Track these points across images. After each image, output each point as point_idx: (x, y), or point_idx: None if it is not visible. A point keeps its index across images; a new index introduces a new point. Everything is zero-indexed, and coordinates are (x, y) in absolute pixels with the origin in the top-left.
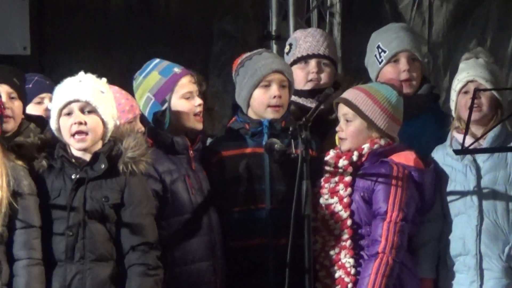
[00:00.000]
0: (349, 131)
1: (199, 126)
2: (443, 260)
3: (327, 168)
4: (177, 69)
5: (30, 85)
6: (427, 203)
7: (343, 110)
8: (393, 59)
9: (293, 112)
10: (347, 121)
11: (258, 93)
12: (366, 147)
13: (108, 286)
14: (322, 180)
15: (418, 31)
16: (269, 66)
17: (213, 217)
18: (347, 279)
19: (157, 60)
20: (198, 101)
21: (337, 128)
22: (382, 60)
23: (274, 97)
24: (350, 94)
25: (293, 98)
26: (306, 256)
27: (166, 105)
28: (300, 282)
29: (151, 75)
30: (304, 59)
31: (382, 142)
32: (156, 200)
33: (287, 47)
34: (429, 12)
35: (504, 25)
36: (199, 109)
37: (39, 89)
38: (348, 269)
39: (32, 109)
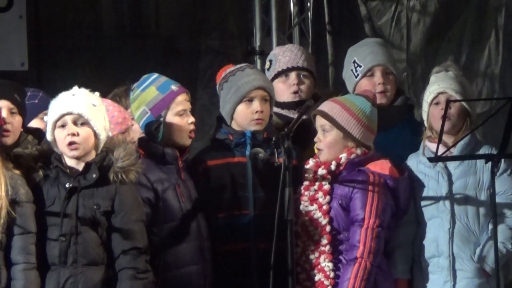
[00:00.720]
0: (326, 141)
1: (188, 142)
2: (417, 262)
3: (306, 176)
4: (174, 87)
5: (36, 101)
6: (401, 209)
7: (320, 122)
8: (368, 73)
9: (277, 123)
10: (324, 131)
11: (241, 108)
12: (343, 156)
13: None
14: (302, 188)
15: (397, 46)
16: (251, 83)
17: (202, 224)
18: (326, 282)
19: (156, 75)
20: (191, 119)
21: (315, 139)
22: (358, 74)
23: (257, 112)
24: (327, 106)
25: (276, 110)
26: (289, 259)
27: (161, 120)
28: (282, 284)
29: (149, 89)
30: (284, 72)
31: (359, 151)
32: (149, 208)
33: (268, 63)
34: (406, 28)
35: (478, 40)
36: (192, 126)
37: (44, 105)
38: (328, 273)
39: (38, 123)
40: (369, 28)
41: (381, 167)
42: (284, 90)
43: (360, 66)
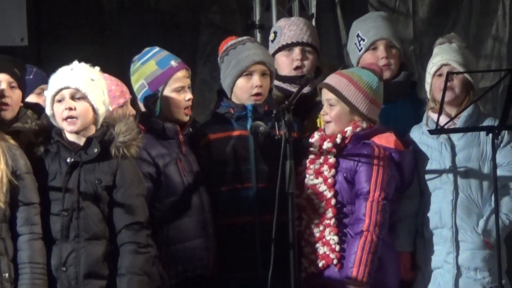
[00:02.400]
0: (332, 115)
1: (186, 118)
2: (420, 234)
3: (312, 149)
4: (173, 62)
5: (31, 76)
6: (405, 182)
7: (327, 95)
8: (372, 46)
9: (277, 96)
10: (331, 105)
11: (241, 82)
12: (349, 130)
13: (101, 263)
14: (307, 161)
15: (402, 19)
16: (251, 57)
17: (204, 197)
18: (331, 255)
19: (157, 49)
20: (188, 95)
21: (321, 112)
22: (361, 48)
23: (256, 86)
24: (333, 79)
25: (278, 83)
26: (290, 232)
27: (158, 95)
28: (286, 257)
29: (149, 63)
30: (288, 46)
31: (364, 125)
32: (150, 183)
33: (272, 35)
34: (412, 1)
35: (485, 12)
36: (188, 103)
37: (40, 80)
38: (333, 246)
39: (33, 99)
40: (374, 1)
41: (387, 140)
42: (287, 64)
43: (364, 40)
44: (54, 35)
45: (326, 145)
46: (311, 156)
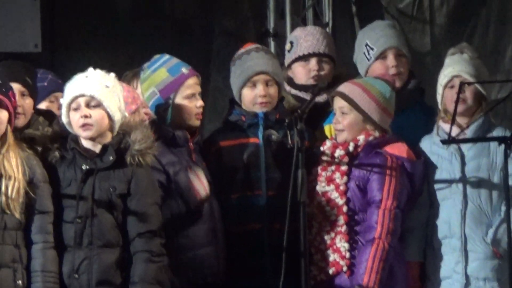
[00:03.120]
0: (345, 123)
1: (197, 123)
2: (430, 243)
3: (324, 157)
4: (184, 70)
5: (45, 83)
6: (416, 193)
7: (339, 103)
8: (381, 56)
9: (294, 105)
10: (343, 113)
11: (245, 92)
12: (361, 138)
13: (114, 271)
14: (319, 168)
15: (419, 29)
16: (252, 68)
17: (214, 205)
18: (342, 262)
19: (167, 56)
20: (199, 102)
21: (334, 120)
22: (370, 57)
23: (260, 96)
24: (346, 88)
25: (294, 92)
26: (301, 240)
27: (169, 102)
28: (295, 265)
29: (160, 71)
30: (305, 57)
31: (377, 134)
32: (161, 190)
33: (288, 45)
34: (430, 10)
35: (503, 21)
36: (200, 110)
37: (54, 88)
38: (343, 253)
39: (46, 106)
40: (392, 8)
41: (399, 150)
42: (304, 74)
43: (373, 49)
44: (67, 41)
45: (338, 152)
46: (323, 164)
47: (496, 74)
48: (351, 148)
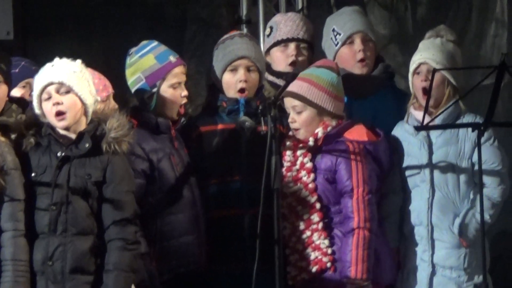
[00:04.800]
0: (302, 121)
1: (176, 117)
2: (401, 230)
3: (286, 157)
4: (172, 58)
5: (17, 70)
6: (384, 171)
7: (292, 103)
8: (348, 40)
9: (270, 92)
10: (298, 112)
11: (226, 77)
12: (320, 131)
13: (88, 258)
14: (283, 170)
15: (401, 16)
16: (234, 52)
17: (196, 193)
18: (325, 259)
19: (155, 43)
20: (184, 92)
21: (289, 120)
22: (337, 43)
23: (240, 81)
24: (295, 86)
25: (271, 78)
26: (275, 227)
27: (155, 89)
28: (273, 251)
29: (147, 57)
30: (283, 42)
31: (333, 123)
32: (144, 179)
33: (268, 29)
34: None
35: (485, 9)
36: (184, 100)
37: (25, 74)
38: (325, 250)
39: (17, 93)
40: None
41: (358, 133)
42: (282, 60)
43: (340, 34)
44: (40, 28)
45: (300, 151)
46: (287, 164)
47: (479, 60)
48: (311, 143)
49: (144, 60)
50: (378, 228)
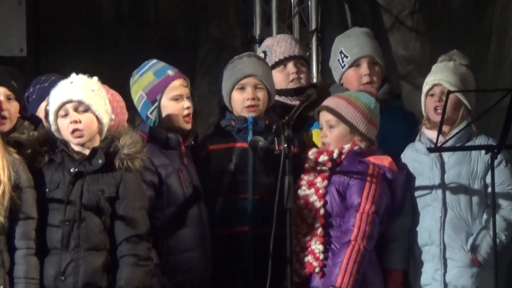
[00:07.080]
0: (333, 136)
1: (187, 126)
2: (411, 250)
3: (308, 163)
4: (170, 72)
5: (46, 84)
6: (396, 205)
7: (326, 117)
8: (355, 64)
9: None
10: (331, 127)
11: (235, 95)
12: (347, 147)
13: (100, 274)
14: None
15: (423, 34)
16: (242, 71)
17: (203, 209)
18: (315, 263)
19: (154, 61)
20: (186, 103)
21: (321, 134)
22: (344, 65)
23: (248, 99)
24: (332, 101)
25: (278, 99)
26: (288, 247)
27: (156, 104)
28: (277, 270)
29: (146, 74)
30: (282, 62)
31: (363, 145)
32: (153, 191)
33: (261, 55)
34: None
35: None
36: (187, 111)
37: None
38: (317, 255)
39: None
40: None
41: (382, 160)
42: (283, 80)
43: (347, 57)
44: (53, 46)
45: (322, 158)
46: (307, 168)
47: (498, 83)
48: (335, 154)
49: (144, 78)
50: (373, 253)
